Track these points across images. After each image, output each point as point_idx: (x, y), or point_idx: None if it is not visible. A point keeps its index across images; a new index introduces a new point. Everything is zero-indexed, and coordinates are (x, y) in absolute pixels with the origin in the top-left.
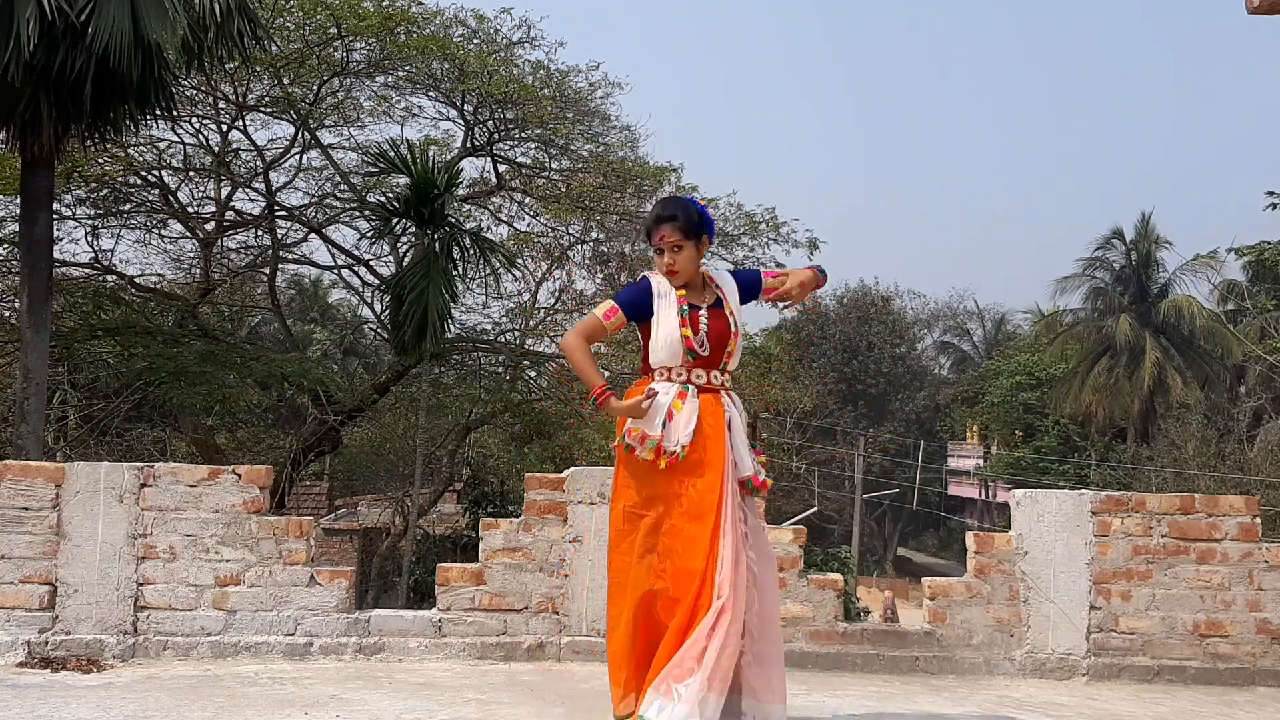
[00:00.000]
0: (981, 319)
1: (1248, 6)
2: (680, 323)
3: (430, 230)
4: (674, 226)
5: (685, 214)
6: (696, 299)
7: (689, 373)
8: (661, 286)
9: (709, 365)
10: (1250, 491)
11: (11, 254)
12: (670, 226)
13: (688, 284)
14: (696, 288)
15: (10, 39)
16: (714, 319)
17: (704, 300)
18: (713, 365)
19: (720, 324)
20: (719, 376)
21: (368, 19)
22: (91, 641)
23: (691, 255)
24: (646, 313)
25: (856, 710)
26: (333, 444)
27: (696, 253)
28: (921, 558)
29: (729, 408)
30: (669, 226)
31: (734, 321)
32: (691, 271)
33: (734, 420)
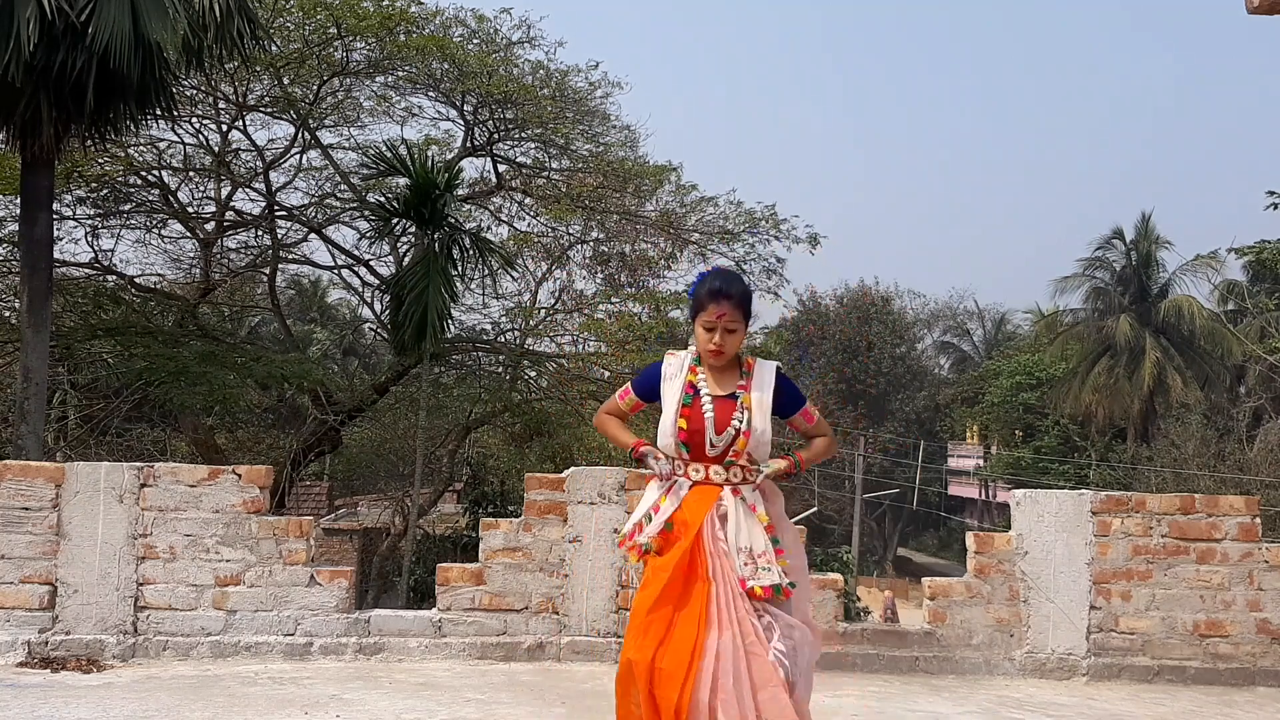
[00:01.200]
0: (981, 319)
1: (1248, 6)
2: (679, 412)
3: (430, 230)
4: (733, 305)
5: (744, 294)
6: (717, 384)
7: (686, 466)
8: (671, 369)
9: (710, 461)
10: (1250, 491)
11: (11, 254)
12: (730, 305)
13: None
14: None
15: (10, 39)
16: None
17: (724, 387)
18: (715, 461)
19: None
20: (720, 473)
21: (367, 19)
22: (91, 641)
23: (740, 338)
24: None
25: (856, 710)
26: (333, 444)
27: (744, 337)
28: (921, 558)
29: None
30: (729, 305)
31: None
32: (734, 354)
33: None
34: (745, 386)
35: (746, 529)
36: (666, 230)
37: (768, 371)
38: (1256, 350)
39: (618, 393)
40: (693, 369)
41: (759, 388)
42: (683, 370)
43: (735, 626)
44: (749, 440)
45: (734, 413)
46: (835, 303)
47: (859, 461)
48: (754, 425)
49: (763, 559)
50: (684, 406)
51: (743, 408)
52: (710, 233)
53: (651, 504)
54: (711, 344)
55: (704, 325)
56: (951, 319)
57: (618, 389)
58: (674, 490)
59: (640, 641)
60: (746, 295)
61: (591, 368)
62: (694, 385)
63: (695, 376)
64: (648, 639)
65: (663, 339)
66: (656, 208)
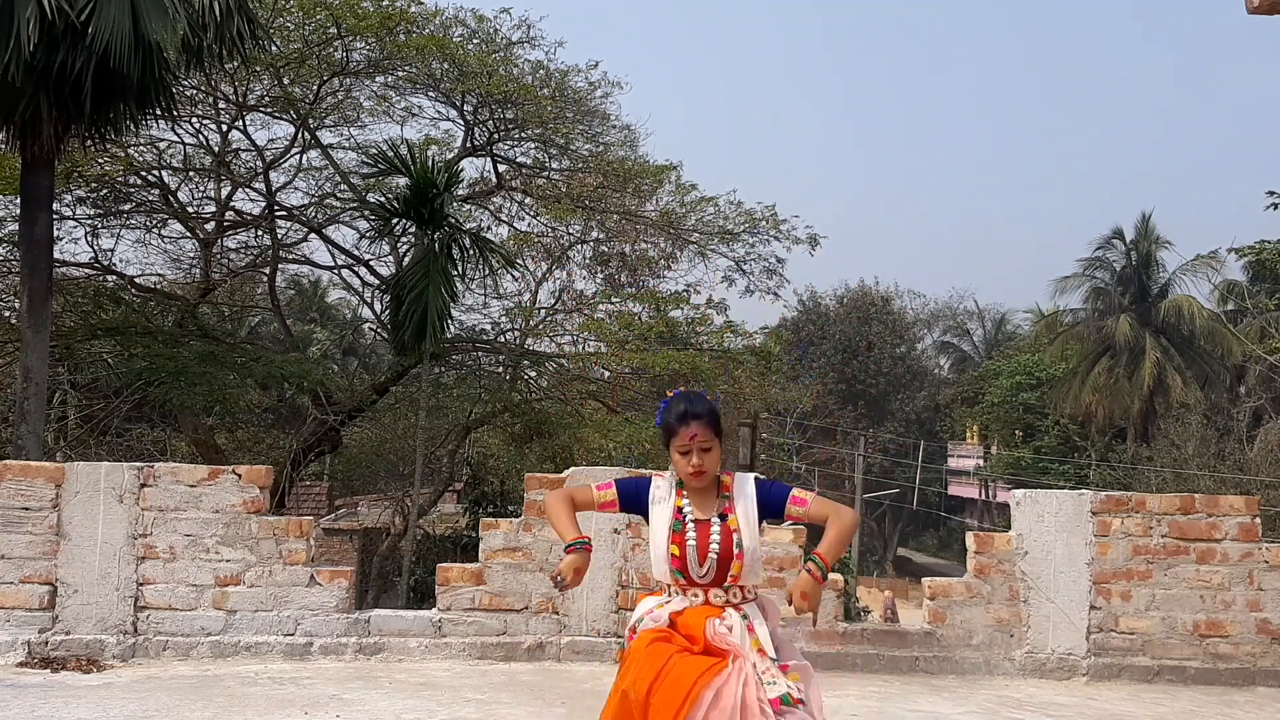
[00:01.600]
0: (981, 319)
1: (1248, 6)
2: (670, 539)
3: (430, 230)
4: (704, 425)
5: (712, 411)
6: (701, 508)
7: (684, 592)
8: (660, 491)
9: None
10: (1250, 491)
11: (11, 254)
12: (700, 425)
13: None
14: (709, 493)
15: (10, 39)
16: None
17: (711, 510)
18: (712, 585)
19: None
20: (719, 595)
21: (367, 19)
22: (91, 641)
23: (717, 456)
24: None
25: (856, 710)
26: (333, 444)
27: (720, 453)
28: (921, 558)
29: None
30: (699, 425)
31: (739, 538)
32: (714, 472)
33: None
34: (729, 508)
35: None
36: (666, 230)
37: (746, 484)
38: (1256, 350)
39: (597, 485)
40: (679, 493)
41: (741, 503)
42: (671, 495)
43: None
44: (743, 561)
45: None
46: (835, 303)
47: (859, 461)
48: (745, 546)
49: (766, 674)
50: (674, 533)
51: (729, 530)
52: (710, 233)
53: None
54: (690, 466)
55: (679, 450)
56: (951, 319)
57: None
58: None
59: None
60: (715, 412)
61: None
62: (682, 511)
63: (682, 501)
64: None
65: (663, 339)
66: (656, 208)
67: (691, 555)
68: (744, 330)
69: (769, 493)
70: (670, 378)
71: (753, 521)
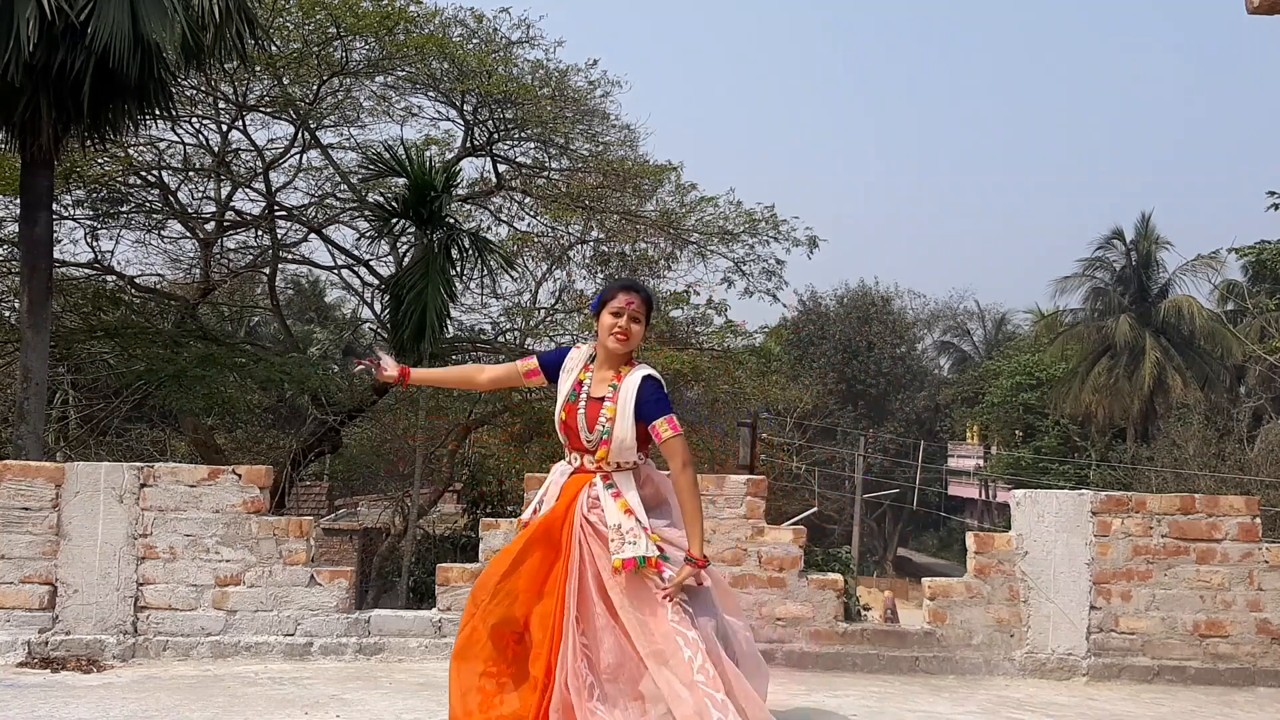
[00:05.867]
0: (982, 319)
1: (1248, 7)
2: (563, 406)
3: (429, 230)
4: (640, 298)
5: (649, 295)
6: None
7: (569, 452)
8: (572, 361)
9: (585, 450)
10: (1250, 492)
11: (11, 254)
12: (639, 298)
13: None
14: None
15: (10, 39)
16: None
17: (604, 388)
18: (589, 452)
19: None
20: (593, 462)
21: (366, 19)
22: (91, 641)
23: (641, 333)
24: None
25: (856, 710)
26: (333, 444)
27: (643, 335)
28: (921, 558)
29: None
30: (637, 297)
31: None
32: (633, 348)
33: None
34: (614, 397)
35: (613, 510)
36: (666, 230)
37: (634, 379)
38: (1256, 350)
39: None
40: (586, 366)
41: (624, 397)
42: (577, 368)
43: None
44: (608, 449)
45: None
46: (835, 303)
47: (859, 461)
48: (614, 435)
49: (630, 534)
50: (567, 402)
51: (606, 418)
52: (710, 233)
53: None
54: (617, 327)
55: (611, 311)
56: (951, 319)
57: None
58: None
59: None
60: (651, 297)
61: None
62: (581, 384)
63: (585, 374)
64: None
65: (663, 339)
66: (656, 208)
67: (581, 426)
68: (744, 330)
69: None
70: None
71: (628, 416)
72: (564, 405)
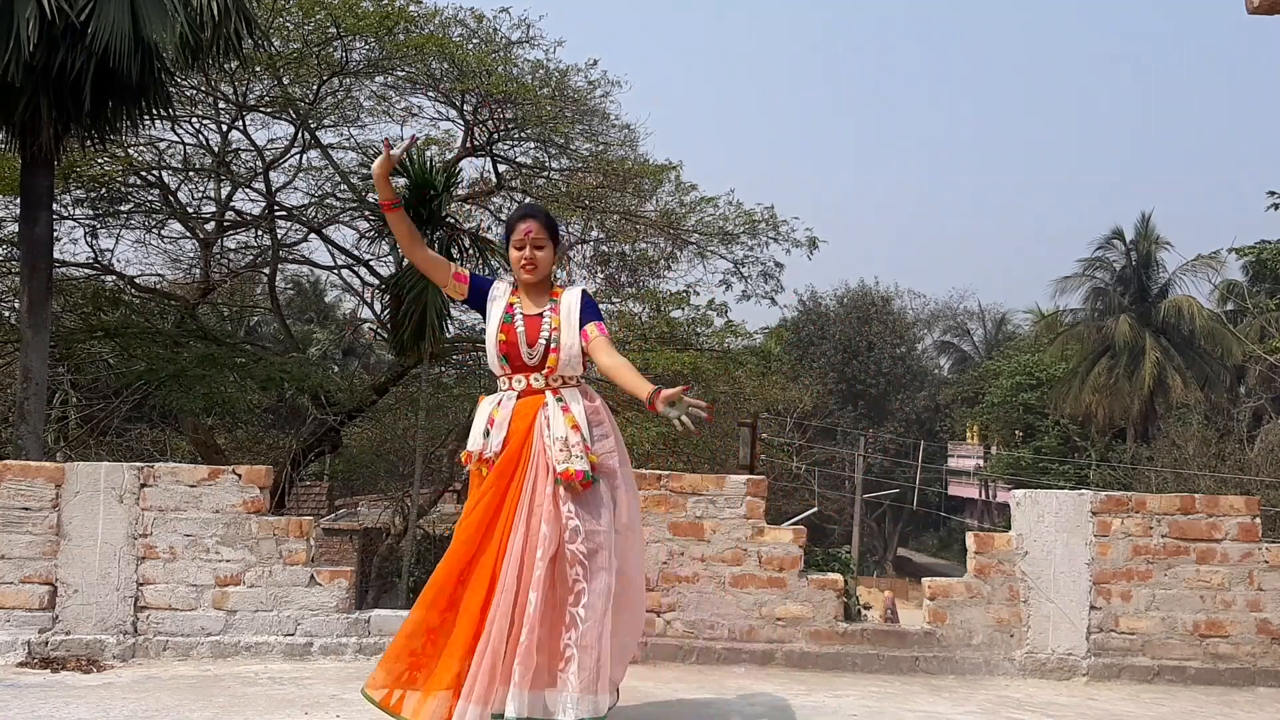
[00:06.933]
0: (982, 319)
1: (1248, 7)
2: (500, 328)
3: (429, 230)
4: (540, 224)
5: (547, 215)
6: (531, 305)
7: (510, 379)
8: (497, 290)
9: (531, 370)
10: (1250, 492)
11: (11, 254)
12: (536, 223)
13: (529, 289)
14: (538, 294)
15: (10, 39)
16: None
17: (539, 307)
18: (535, 370)
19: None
20: (540, 379)
21: (366, 19)
22: (91, 641)
23: (549, 257)
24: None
25: (856, 710)
26: (333, 444)
27: (553, 256)
28: (921, 558)
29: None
30: (535, 223)
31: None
32: (545, 272)
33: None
34: (555, 310)
35: (561, 422)
36: (666, 230)
37: (573, 293)
38: (1256, 350)
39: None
40: (514, 292)
41: (566, 307)
42: (505, 295)
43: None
44: (559, 355)
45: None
46: (835, 303)
47: (859, 461)
48: (562, 343)
49: (576, 448)
50: (504, 324)
51: (551, 327)
52: (710, 233)
53: (486, 418)
54: (523, 258)
55: (515, 245)
56: (951, 319)
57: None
58: (503, 403)
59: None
60: (550, 216)
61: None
62: (512, 306)
63: (515, 299)
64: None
65: (663, 339)
66: (656, 208)
67: (521, 342)
68: (744, 331)
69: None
70: (671, 377)
71: (574, 324)
72: (500, 328)
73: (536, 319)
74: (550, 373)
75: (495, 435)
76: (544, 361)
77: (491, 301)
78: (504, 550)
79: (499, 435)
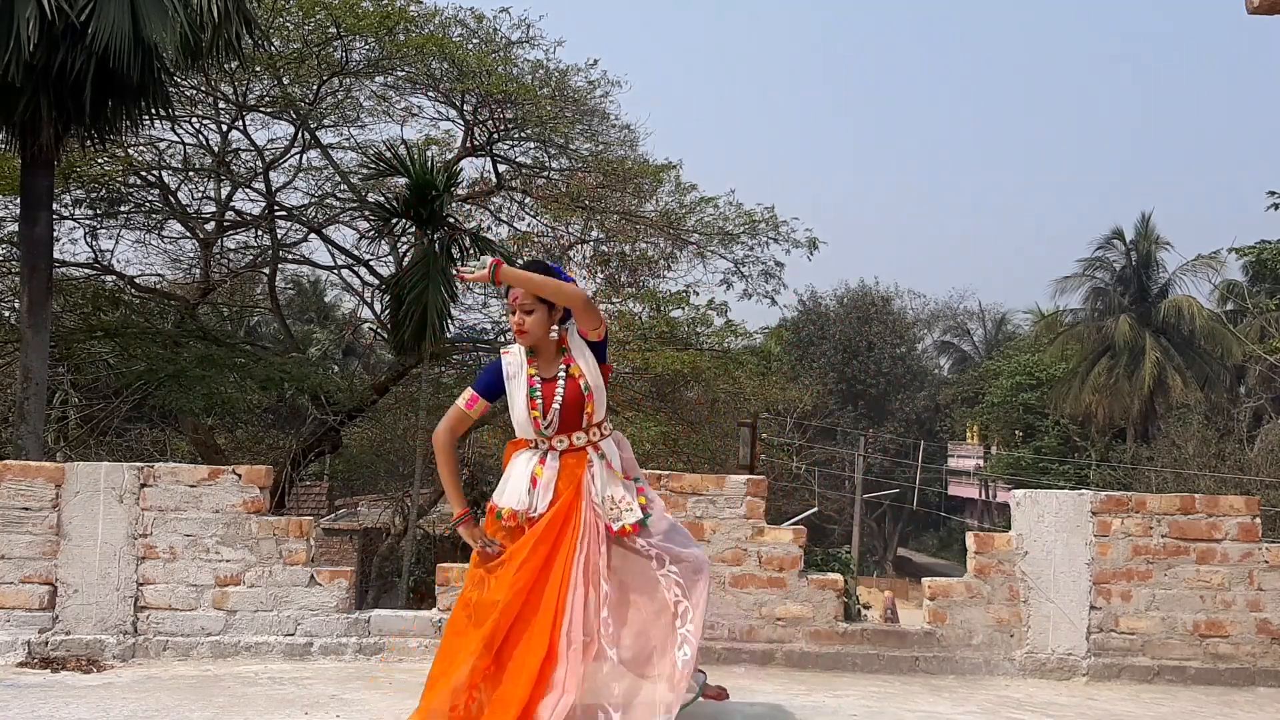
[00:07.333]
0: (982, 319)
1: (1248, 7)
2: (529, 404)
3: (429, 230)
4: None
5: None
6: (548, 368)
7: (549, 442)
8: (511, 367)
9: (568, 430)
10: (1250, 492)
11: (11, 254)
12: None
13: (539, 349)
14: (550, 354)
15: (10, 39)
16: (565, 388)
17: (554, 368)
18: (573, 429)
19: (571, 391)
20: (581, 437)
21: (366, 18)
22: (91, 641)
23: (542, 320)
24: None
25: (856, 710)
26: (333, 444)
27: (548, 317)
28: (921, 558)
29: (592, 463)
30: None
31: (585, 383)
32: (541, 334)
33: (596, 473)
34: (569, 359)
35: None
36: (666, 230)
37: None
38: (1256, 350)
39: (463, 400)
40: (530, 362)
41: (578, 352)
42: (521, 368)
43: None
44: (593, 400)
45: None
46: (835, 303)
47: (859, 461)
48: (591, 386)
49: (624, 503)
50: (531, 399)
51: (574, 378)
52: (709, 233)
53: (529, 476)
54: (513, 324)
55: (509, 310)
56: (951, 319)
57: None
58: (548, 461)
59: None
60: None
61: None
62: (533, 378)
63: (532, 369)
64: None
65: (663, 338)
66: (656, 208)
67: (555, 410)
68: (744, 330)
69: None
70: (671, 377)
71: (591, 362)
72: (529, 404)
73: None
74: (589, 423)
75: (541, 496)
76: (581, 418)
77: (509, 380)
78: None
79: (545, 496)
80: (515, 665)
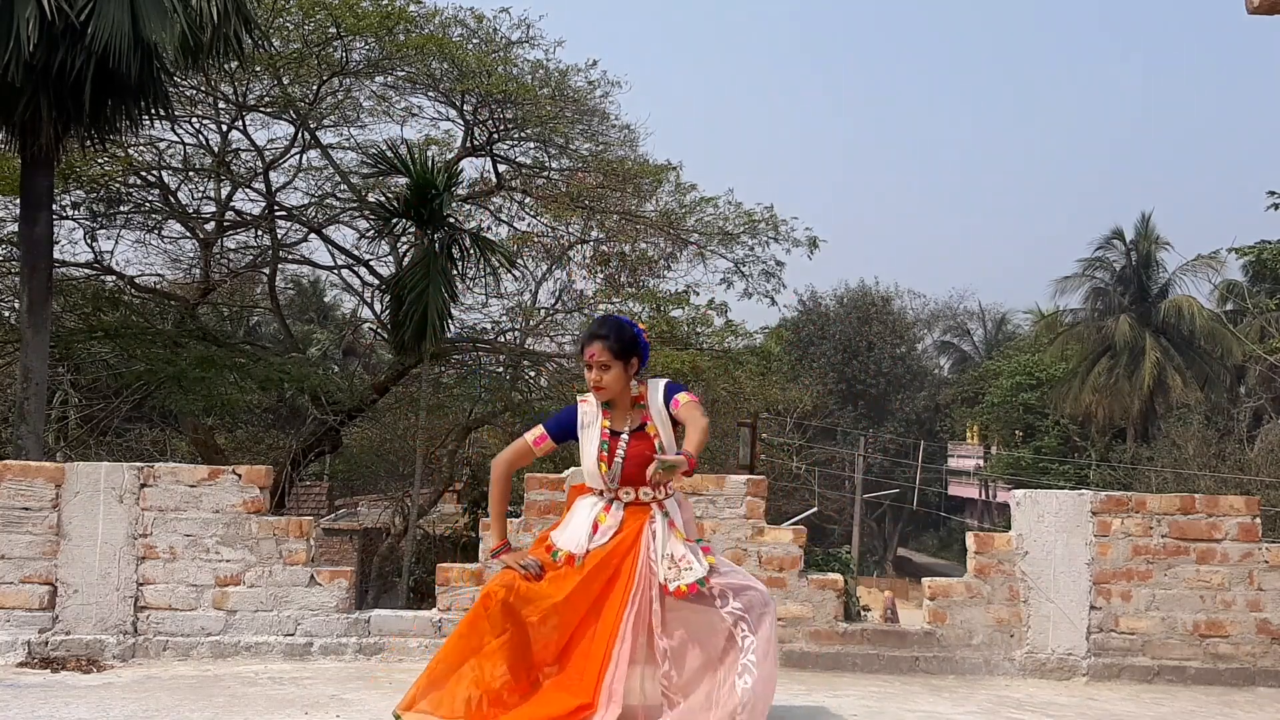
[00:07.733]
0: (982, 319)
1: (1248, 7)
2: (599, 457)
3: (430, 230)
4: (604, 345)
5: (618, 334)
6: (621, 422)
7: (615, 493)
8: (587, 416)
9: (634, 484)
10: (1250, 492)
11: (11, 254)
12: (601, 345)
13: (615, 402)
14: (624, 407)
15: (10, 39)
16: (636, 443)
17: (628, 423)
18: (639, 484)
19: (641, 447)
20: (648, 493)
21: (366, 19)
22: (91, 641)
23: (619, 375)
24: (573, 437)
25: (856, 710)
26: (333, 444)
27: (624, 373)
28: (921, 558)
29: (654, 519)
30: (600, 345)
31: (659, 443)
32: (617, 390)
33: (658, 530)
34: (646, 416)
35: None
36: (666, 230)
37: (658, 391)
38: (1256, 350)
39: (531, 436)
40: (605, 413)
41: (655, 409)
42: (598, 418)
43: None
44: None
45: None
46: (835, 303)
47: (859, 461)
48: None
49: (683, 562)
50: (601, 452)
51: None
52: (709, 233)
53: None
54: (590, 380)
55: (586, 366)
56: (952, 319)
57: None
58: (613, 510)
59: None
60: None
61: None
62: (606, 430)
63: (607, 421)
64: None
65: (664, 338)
66: (656, 208)
67: (622, 464)
68: (744, 330)
69: (668, 394)
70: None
71: (667, 423)
72: (599, 456)
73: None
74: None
75: (599, 540)
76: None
77: (583, 430)
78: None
79: (603, 540)
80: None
